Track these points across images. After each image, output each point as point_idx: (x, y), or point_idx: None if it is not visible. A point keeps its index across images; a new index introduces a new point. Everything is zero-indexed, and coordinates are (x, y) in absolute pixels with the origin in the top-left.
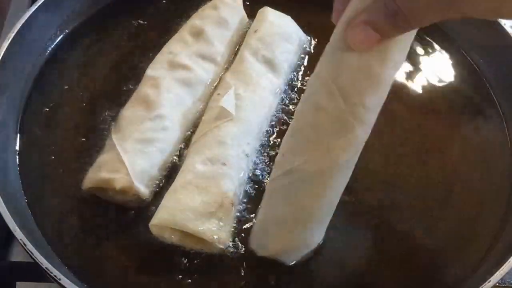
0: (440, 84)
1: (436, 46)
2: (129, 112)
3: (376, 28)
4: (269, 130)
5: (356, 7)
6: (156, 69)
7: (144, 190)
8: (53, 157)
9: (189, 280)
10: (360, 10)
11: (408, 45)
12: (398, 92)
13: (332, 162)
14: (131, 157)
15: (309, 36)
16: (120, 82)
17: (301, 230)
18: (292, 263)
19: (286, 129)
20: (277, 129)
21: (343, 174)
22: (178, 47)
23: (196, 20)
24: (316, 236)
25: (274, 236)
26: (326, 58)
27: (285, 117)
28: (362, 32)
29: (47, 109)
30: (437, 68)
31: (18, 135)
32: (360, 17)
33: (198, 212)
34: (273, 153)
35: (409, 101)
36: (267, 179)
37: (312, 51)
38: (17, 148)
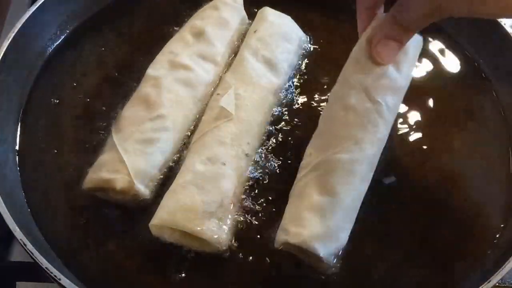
0: (441, 84)
1: (438, 47)
2: (130, 111)
3: (394, 38)
4: (269, 129)
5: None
6: (157, 69)
7: (144, 190)
8: (53, 157)
9: (190, 280)
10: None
11: (414, 61)
12: None
13: (362, 153)
14: (131, 157)
15: (309, 36)
16: (120, 81)
17: (333, 215)
18: (323, 254)
19: (286, 129)
20: (278, 128)
21: (370, 168)
22: (179, 47)
23: (196, 20)
24: (345, 228)
25: (307, 222)
26: (351, 67)
27: (285, 117)
28: (385, 47)
29: (47, 109)
30: (439, 69)
31: (18, 134)
32: (377, 36)
33: (197, 212)
34: (274, 152)
35: (411, 102)
36: (267, 178)
37: (312, 50)
38: (17, 147)
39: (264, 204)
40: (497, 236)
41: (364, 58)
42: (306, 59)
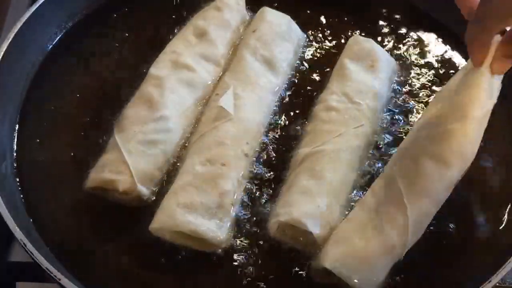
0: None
1: (442, 47)
2: (132, 111)
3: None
4: (269, 128)
5: None
6: (159, 68)
7: (145, 191)
8: (52, 156)
9: (191, 280)
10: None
11: (389, 70)
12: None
13: (347, 144)
14: (134, 158)
15: (308, 35)
16: (121, 80)
17: (322, 196)
18: (314, 230)
19: (285, 128)
20: (277, 128)
21: (356, 157)
22: (182, 46)
23: (199, 21)
24: (337, 210)
25: (296, 202)
26: (333, 77)
27: (285, 116)
28: (504, 63)
29: (47, 108)
30: (442, 70)
31: (17, 134)
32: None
33: (198, 213)
34: (273, 151)
35: (414, 103)
36: (266, 178)
37: (311, 50)
38: (16, 147)
39: (264, 204)
40: (497, 236)
41: (342, 72)
42: (305, 58)
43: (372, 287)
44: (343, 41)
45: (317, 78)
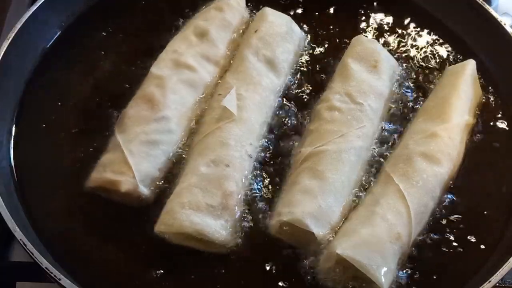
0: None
1: (446, 50)
2: (134, 110)
3: None
4: (270, 129)
5: None
6: (161, 68)
7: (147, 192)
8: (51, 156)
9: (194, 280)
10: None
11: (391, 71)
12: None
13: (348, 144)
14: (136, 159)
15: (308, 36)
16: (121, 79)
17: (324, 196)
18: (316, 231)
19: (287, 127)
20: (278, 128)
21: (358, 158)
22: (183, 46)
23: (200, 21)
24: (337, 211)
25: (298, 202)
26: (336, 77)
27: (286, 117)
28: None
29: (46, 108)
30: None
31: (16, 133)
32: None
33: (203, 214)
34: (274, 150)
35: (416, 104)
36: (269, 177)
37: (312, 50)
38: (15, 146)
39: (269, 204)
40: (498, 236)
41: (345, 71)
42: (306, 59)
43: (383, 273)
44: (343, 41)
45: (317, 78)
